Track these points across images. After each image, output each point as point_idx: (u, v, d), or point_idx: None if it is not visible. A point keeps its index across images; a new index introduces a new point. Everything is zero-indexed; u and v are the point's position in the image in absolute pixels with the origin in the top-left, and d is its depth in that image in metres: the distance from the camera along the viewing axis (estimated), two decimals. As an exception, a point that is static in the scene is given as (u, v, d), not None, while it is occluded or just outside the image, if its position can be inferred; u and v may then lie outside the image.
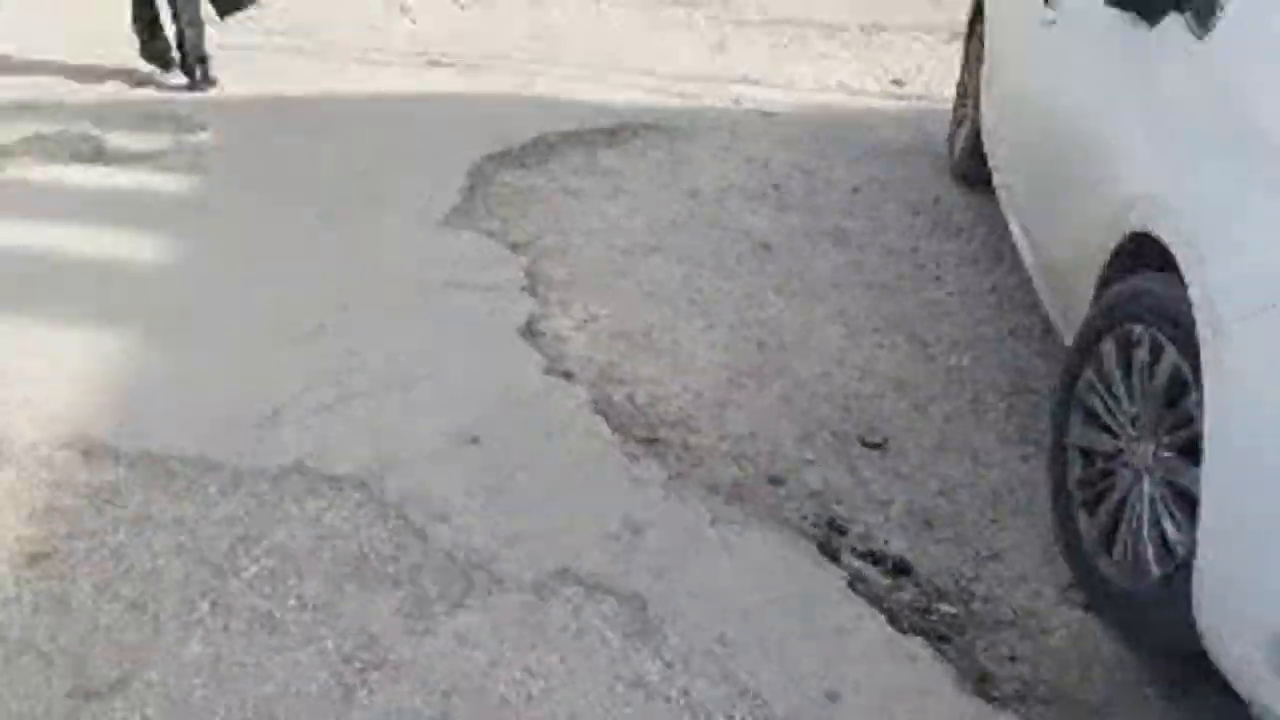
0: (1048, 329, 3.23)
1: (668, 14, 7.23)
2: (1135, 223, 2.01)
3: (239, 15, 5.45)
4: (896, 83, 5.95)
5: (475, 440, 2.42)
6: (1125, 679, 1.95)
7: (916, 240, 3.91)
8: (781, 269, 3.61)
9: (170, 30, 5.18)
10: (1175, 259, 1.82)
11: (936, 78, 6.09)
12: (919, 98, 5.76)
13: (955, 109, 4.65)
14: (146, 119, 4.70)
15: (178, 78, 5.20)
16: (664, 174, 4.48)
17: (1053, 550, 2.25)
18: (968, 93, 4.45)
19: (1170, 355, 1.86)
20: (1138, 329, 1.97)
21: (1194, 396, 1.79)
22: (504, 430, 2.46)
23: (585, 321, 3.10)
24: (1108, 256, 2.16)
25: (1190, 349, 1.79)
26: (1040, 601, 2.11)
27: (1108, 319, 2.08)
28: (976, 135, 4.15)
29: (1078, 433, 2.20)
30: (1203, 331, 1.68)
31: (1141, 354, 1.97)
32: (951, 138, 4.63)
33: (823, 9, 7.04)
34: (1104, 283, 2.20)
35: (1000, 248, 3.83)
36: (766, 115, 5.38)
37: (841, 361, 3.01)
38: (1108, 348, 2.08)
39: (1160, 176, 1.98)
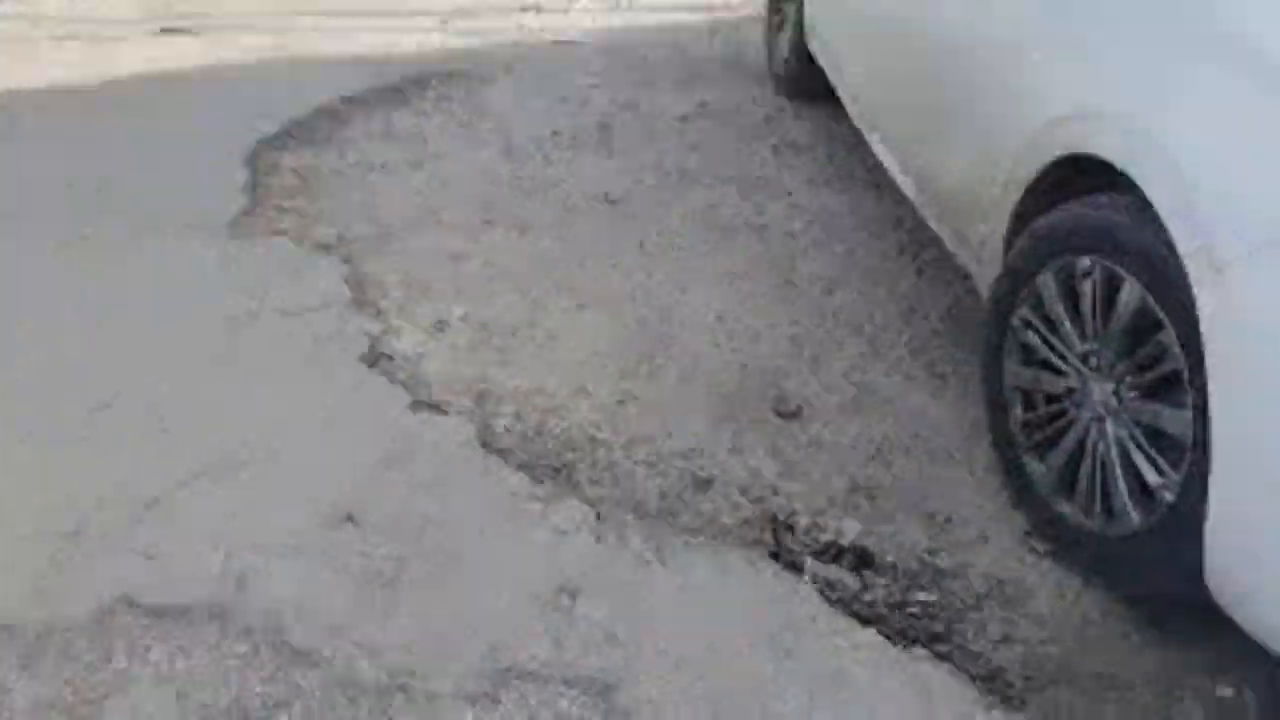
0: (921, 247, 3.09)
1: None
2: (1069, 144, 1.82)
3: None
4: (693, -7, 5.65)
5: (349, 519, 1.99)
6: (1114, 630, 1.83)
7: (763, 169, 3.67)
8: (634, 224, 3.29)
9: None
10: (1139, 185, 1.63)
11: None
12: (718, 7, 5.50)
13: (768, 17, 4.40)
14: None
15: None
16: (472, 129, 4.02)
17: (1002, 499, 2.11)
18: (780, -2, 4.22)
19: (1133, 289, 1.69)
20: (1085, 261, 1.79)
21: (1170, 334, 1.64)
22: (382, 498, 2.04)
23: (437, 330, 2.68)
24: (1029, 181, 1.97)
25: (1162, 282, 1.62)
26: (1009, 560, 1.95)
27: (1044, 250, 1.89)
28: (800, 46, 3.93)
29: (1015, 373, 2.03)
30: (1194, 266, 1.51)
31: (1091, 288, 1.80)
32: (769, 49, 4.40)
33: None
34: (1024, 210, 2.02)
35: (848, 164, 3.65)
36: (562, 45, 4.98)
37: (727, 323, 2.74)
38: (1046, 282, 1.90)
39: (1106, 90, 1.77)
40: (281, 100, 4.09)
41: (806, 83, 3.99)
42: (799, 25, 3.90)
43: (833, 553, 1.95)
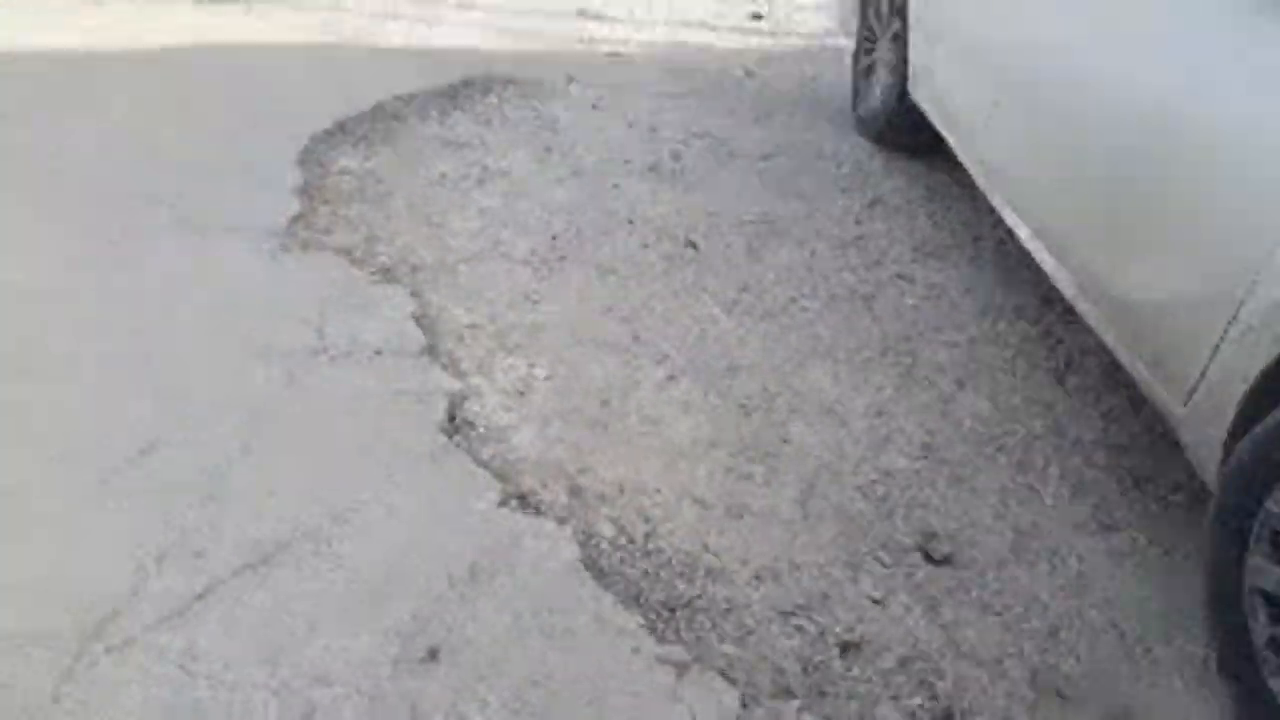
0: (1056, 345, 2.61)
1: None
2: None
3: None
4: (756, 16, 5.12)
5: (433, 656, 1.49)
6: None
7: (857, 225, 3.17)
8: (721, 278, 2.78)
9: None
10: None
11: (795, 8, 5.32)
12: (785, 34, 4.97)
13: (856, 55, 3.89)
14: None
15: None
16: (535, 145, 3.48)
17: None
18: (876, 36, 3.70)
19: None
20: None
21: None
22: (471, 629, 1.52)
23: (521, 394, 2.16)
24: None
25: None
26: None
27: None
28: (899, 90, 3.42)
29: (1263, 570, 1.55)
30: None
31: None
32: (855, 90, 3.88)
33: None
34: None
35: (957, 232, 3.16)
36: (622, 58, 4.43)
37: (845, 418, 2.25)
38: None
39: None
40: (334, 92, 3.52)
41: (902, 132, 3.49)
42: (901, 69, 3.39)
43: (1034, 777, 1.47)
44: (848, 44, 4.03)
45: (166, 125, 3.18)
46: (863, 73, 3.80)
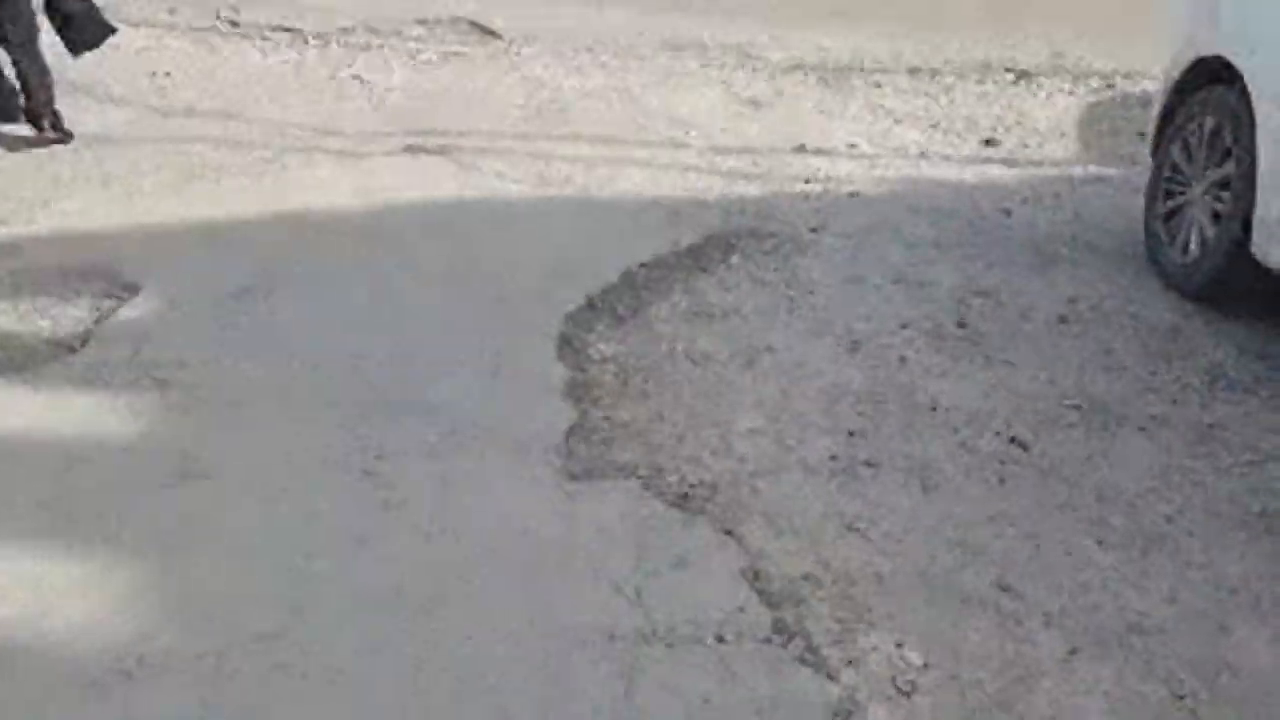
0: None
1: (676, 65, 5.85)
2: None
3: (125, 84, 3.96)
4: (989, 143, 4.74)
5: None
6: None
7: (1205, 409, 2.69)
8: (1070, 489, 2.35)
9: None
10: None
11: (1029, 132, 4.92)
12: (1026, 163, 4.57)
13: (1153, 194, 3.45)
14: (49, 271, 3.09)
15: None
16: (796, 311, 3.15)
17: None
18: (1186, 178, 3.26)
19: None
20: None
21: None
22: None
23: (907, 695, 1.74)
24: None
25: None
26: None
27: None
28: (1232, 246, 2.95)
29: None
30: None
31: None
32: (1154, 234, 3.42)
33: (848, 50, 5.78)
34: None
35: (1339, 420, 2.65)
36: (861, 198, 4.10)
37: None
38: None
39: None
40: (575, 260, 3.30)
41: (1234, 291, 3.02)
42: (1236, 217, 2.93)
43: None
44: (1105, 173, 3.62)
45: (409, 307, 2.99)
46: (1164, 217, 3.35)
